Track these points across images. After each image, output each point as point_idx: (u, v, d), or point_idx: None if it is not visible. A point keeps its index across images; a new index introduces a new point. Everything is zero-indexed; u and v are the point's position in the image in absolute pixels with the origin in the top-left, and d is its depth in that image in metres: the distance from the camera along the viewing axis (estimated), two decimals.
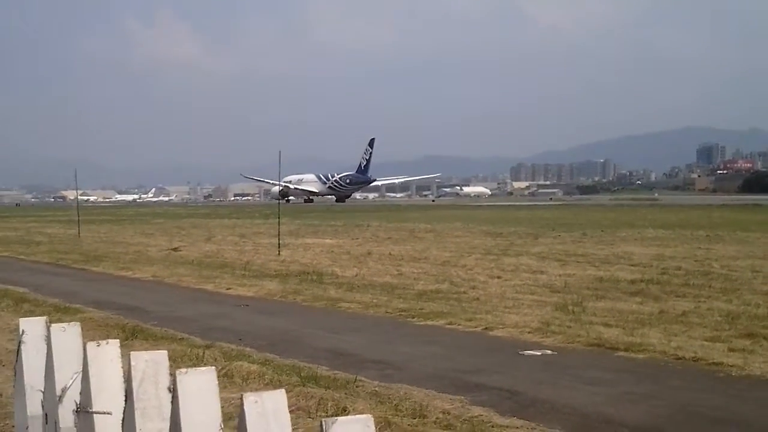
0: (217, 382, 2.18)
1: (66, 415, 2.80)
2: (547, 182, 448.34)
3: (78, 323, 2.94)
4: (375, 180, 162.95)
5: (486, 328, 13.85)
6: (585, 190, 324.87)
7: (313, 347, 12.58)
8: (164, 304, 17.83)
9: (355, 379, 9.96)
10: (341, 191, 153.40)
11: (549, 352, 11.97)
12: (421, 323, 14.70)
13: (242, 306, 17.34)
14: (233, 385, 9.30)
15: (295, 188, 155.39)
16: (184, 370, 2.16)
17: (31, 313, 14.88)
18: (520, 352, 11.95)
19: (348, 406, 8.39)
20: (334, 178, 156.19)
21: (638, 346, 11.97)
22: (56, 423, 2.81)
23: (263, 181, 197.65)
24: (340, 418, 1.94)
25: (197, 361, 10.65)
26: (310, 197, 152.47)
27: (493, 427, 8.13)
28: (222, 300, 18.45)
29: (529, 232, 40.65)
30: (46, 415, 2.99)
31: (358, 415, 1.98)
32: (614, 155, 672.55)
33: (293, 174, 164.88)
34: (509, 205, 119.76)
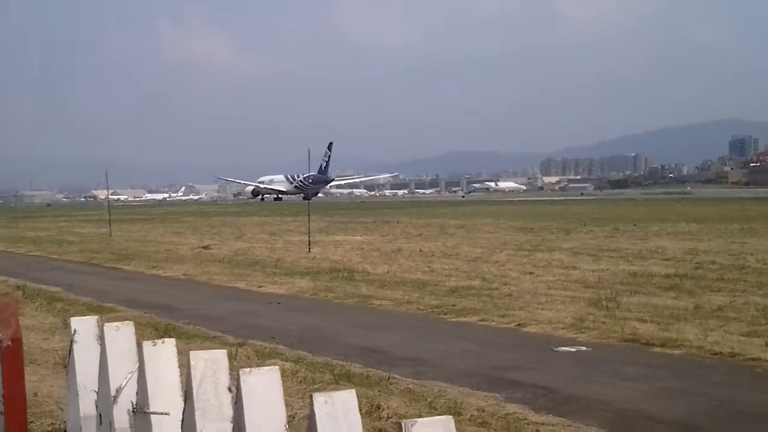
0: (280, 382, 2.13)
1: (121, 416, 2.76)
2: (578, 177, 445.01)
3: (131, 322, 2.91)
4: (333, 179, 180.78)
5: (519, 325, 13.75)
6: (616, 184, 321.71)
7: (345, 345, 12.56)
8: (196, 303, 17.88)
9: (389, 377, 9.91)
10: (305, 190, 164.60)
11: (583, 348, 11.86)
12: (454, 320, 14.63)
13: (274, 304, 17.35)
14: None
15: (266, 188, 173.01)
16: (247, 369, 2.12)
17: (64, 312, 15.04)
18: (554, 349, 11.84)
19: (382, 403, 8.34)
20: (299, 179, 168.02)
21: (674, 341, 11.83)
22: (111, 423, 2.77)
23: (235, 182, 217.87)
24: (420, 420, 1.90)
25: (230, 360, 10.64)
26: (279, 196, 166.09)
27: (528, 424, 8.05)
28: (253, 298, 18.47)
29: (560, 228, 40.40)
30: (101, 415, 2.96)
31: (437, 417, 1.94)
32: (645, 149, 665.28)
33: (265, 175, 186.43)
34: (540, 201, 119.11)
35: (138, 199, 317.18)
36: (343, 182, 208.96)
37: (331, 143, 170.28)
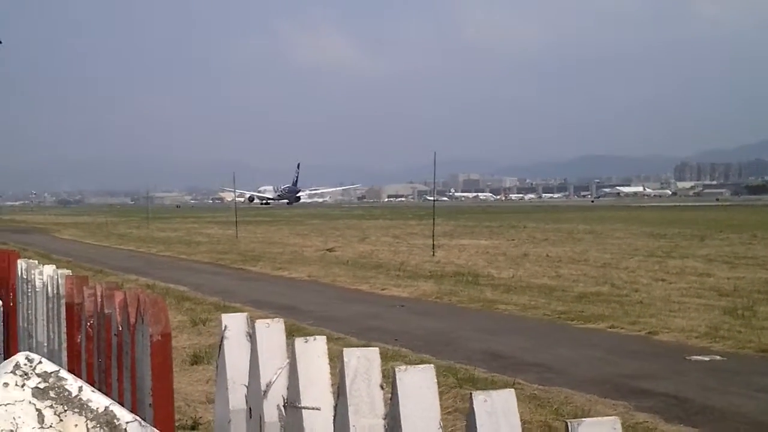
0: (435, 380, 2.19)
1: (271, 410, 2.86)
2: (714, 182, 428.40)
3: (281, 320, 3.01)
4: (301, 190, 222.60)
5: (650, 332, 13.36)
6: (754, 190, 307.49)
7: (469, 349, 12.47)
8: (320, 304, 18.01)
9: (513, 382, 9.76)
10: (285, 197, 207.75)
11: (718, 357, 11.42)
12: (581, 326, 14.33)
13: (397, 306, 17.37)
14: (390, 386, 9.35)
15: (258, 195, 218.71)
16: (402, 367, 2.17)
17: (191, 311, 15.49)
18: (687, 358, 11.45)
19: None
20: (280, 189, 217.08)
21: None
22: (261, 417, 2.88)
23: (232, 191, 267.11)
24: (587, 420, 1.89)
25: None
26: (268, 202, 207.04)
27: None
28: (377, 300, 18.55)
29: (694, 234, 39.04)
30: (250, 409, 3.08)
31: (604, 417, 1.93)
32: None
33: (264, 185, 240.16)
34: (673, 206, 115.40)
35: None
36: (313, 192, 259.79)
37: (299, 163, 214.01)
